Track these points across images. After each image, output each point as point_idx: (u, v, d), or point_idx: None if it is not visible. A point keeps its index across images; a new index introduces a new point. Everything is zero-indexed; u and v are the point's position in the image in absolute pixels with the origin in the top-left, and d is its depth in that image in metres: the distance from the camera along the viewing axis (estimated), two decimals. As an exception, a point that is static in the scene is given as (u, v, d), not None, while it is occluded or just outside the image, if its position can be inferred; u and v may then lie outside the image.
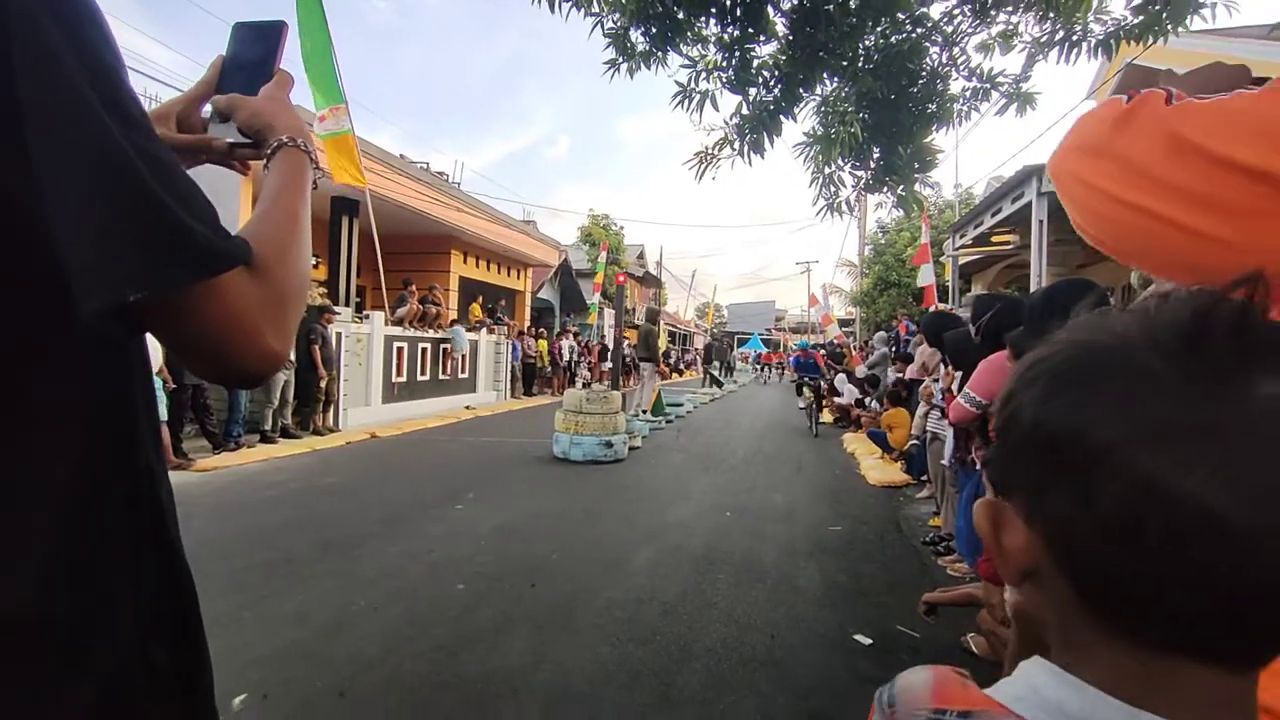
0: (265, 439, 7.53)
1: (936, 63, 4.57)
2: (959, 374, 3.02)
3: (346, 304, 10.34)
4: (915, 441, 5.30)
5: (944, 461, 3.70)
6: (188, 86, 0.71)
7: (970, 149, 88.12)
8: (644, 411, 9.96)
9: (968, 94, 4.55)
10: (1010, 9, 4.26)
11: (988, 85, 4.46)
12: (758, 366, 32.55)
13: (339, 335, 8.81)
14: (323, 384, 8.30)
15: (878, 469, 6.63)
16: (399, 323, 10.55)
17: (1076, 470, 0.32)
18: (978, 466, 2.77)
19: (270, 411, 7.63)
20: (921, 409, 4.73)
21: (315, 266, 10.52)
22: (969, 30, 4.46)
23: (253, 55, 0.68)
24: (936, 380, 4.31)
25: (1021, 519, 0.36)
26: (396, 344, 10.32)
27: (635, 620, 2.92)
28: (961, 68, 4.54)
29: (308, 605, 2.95)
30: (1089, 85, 7.76)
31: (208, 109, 0.67)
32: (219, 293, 0.47)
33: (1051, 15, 4.06)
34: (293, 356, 7.75)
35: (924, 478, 5.26)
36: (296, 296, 0.56)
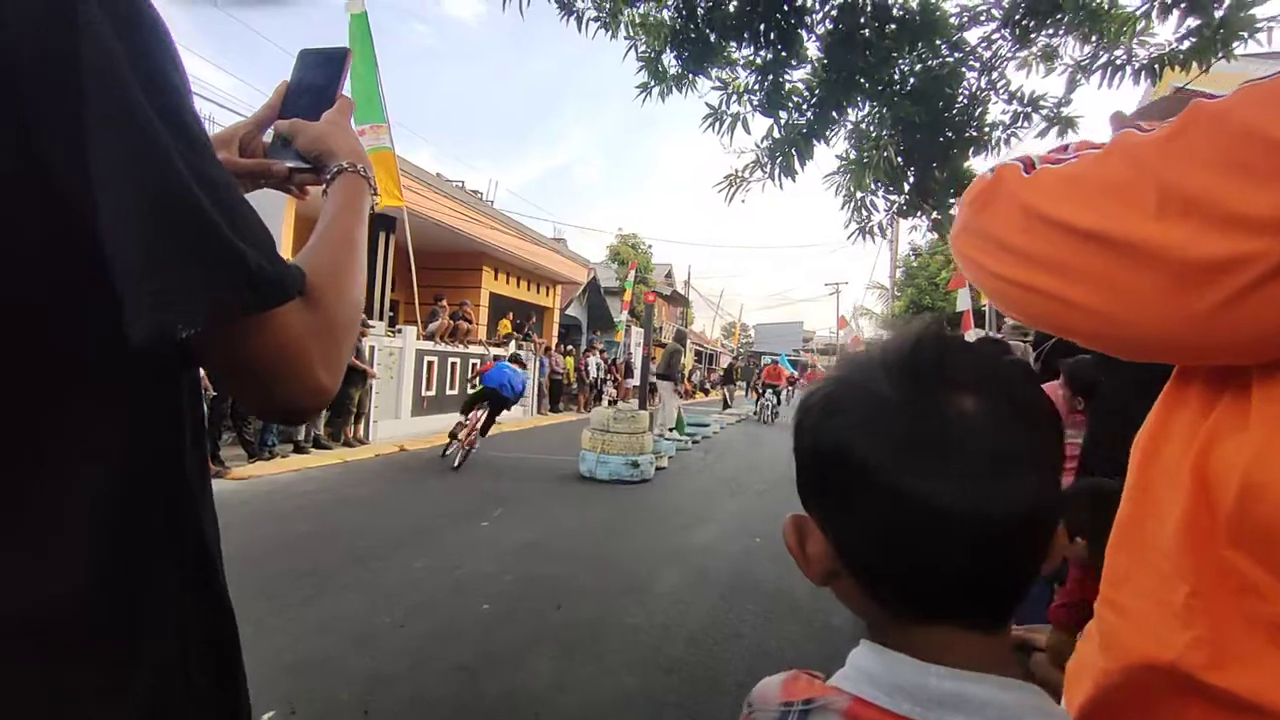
0: (299, 449, 7.68)
1: (975, 87, 4.52)
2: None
3: (380, 318, 10.56)
4: None
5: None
6: (249, 111, 0.72)
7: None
8: (670, 430, 9.91)
9: (1007, 118, 4.48)
10: (1051, 32, 4.20)
11: (1028, 109, 4.39)
12: (760, 389, 18.94)
13: (371, 349, 8.98)
14: (356, 396, 8.45)
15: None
16: (430, 337, 10.73)
17: (843, 483, 0.40)
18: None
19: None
20: None
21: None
22: (1009, 55, 4.41)
23: (316, 81, 0.69)
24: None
25: (818, 528, 0.43)
26: (427, 358, 10.49)
27: (660, 648, 2.87)
28: (1001, 92, 4.48)
29: (334, 616, 2.97)
30: (1136, 107, 7.58)
31: (269, 134, 0.68)
32: (271, 324, 0.46)
33: (1095, 39, 3.99)
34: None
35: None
36: (349, 326, 0.55)
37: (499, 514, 5.13)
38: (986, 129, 4.55)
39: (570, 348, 17.45)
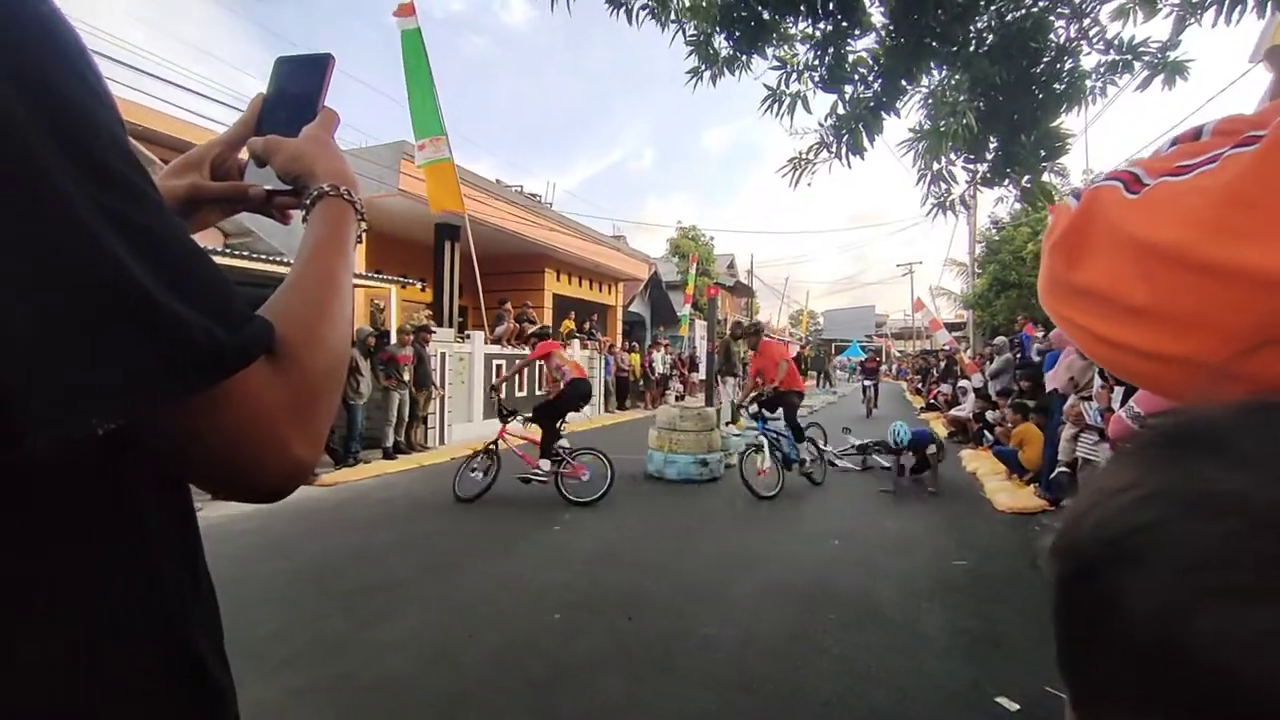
0: (386, 455, 8.04)
1: (1063, 38, 4.06)
2: (1121, 389, 2.59)
3: (450, 325, 10.87)
4: (1065, 470, 4.69)
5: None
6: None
7: (1102, 130, 79.54)
8: (726, 424, 9.67)
9: (1103, 68, 4.00)
10: (1155, -33, 3.70)
11: (1128, 57, 3.90)
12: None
13: (442, 355, 9.24)
14: (422, 402, 8.72)
15: (1006, 492, 5.96)
16: (497, 341, 10.95)
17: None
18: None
19: (389, 429, 8.12)
20: (1069, 431, 4.16)
21: (422, 289, 11.16)
22: (1102, -2, 3.92)
23: (296, 92, 0.60)
24: (1088, 398, 3.78)
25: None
26: (495, 361, 10.71)
27: (737, 663, 2.72)
28: (1095, 40, 4.00)
29: (410, 631, 3.00)
30: (1254, 47, 6.68)
31: (246, 153, 0.60)
32: (228, 396, 0.37)
33: (1208, -31, 3.48)
34: (405, 376, 8.22)
35: (1066, 504, 4.65)
36: (330, 383, 0.46)
37: (569, 519, 5.12)
38: (1079, 81, 4.09)
39: (634, 344, 17.43)
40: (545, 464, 5.75)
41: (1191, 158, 0.40)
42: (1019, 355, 8.34)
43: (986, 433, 8.30)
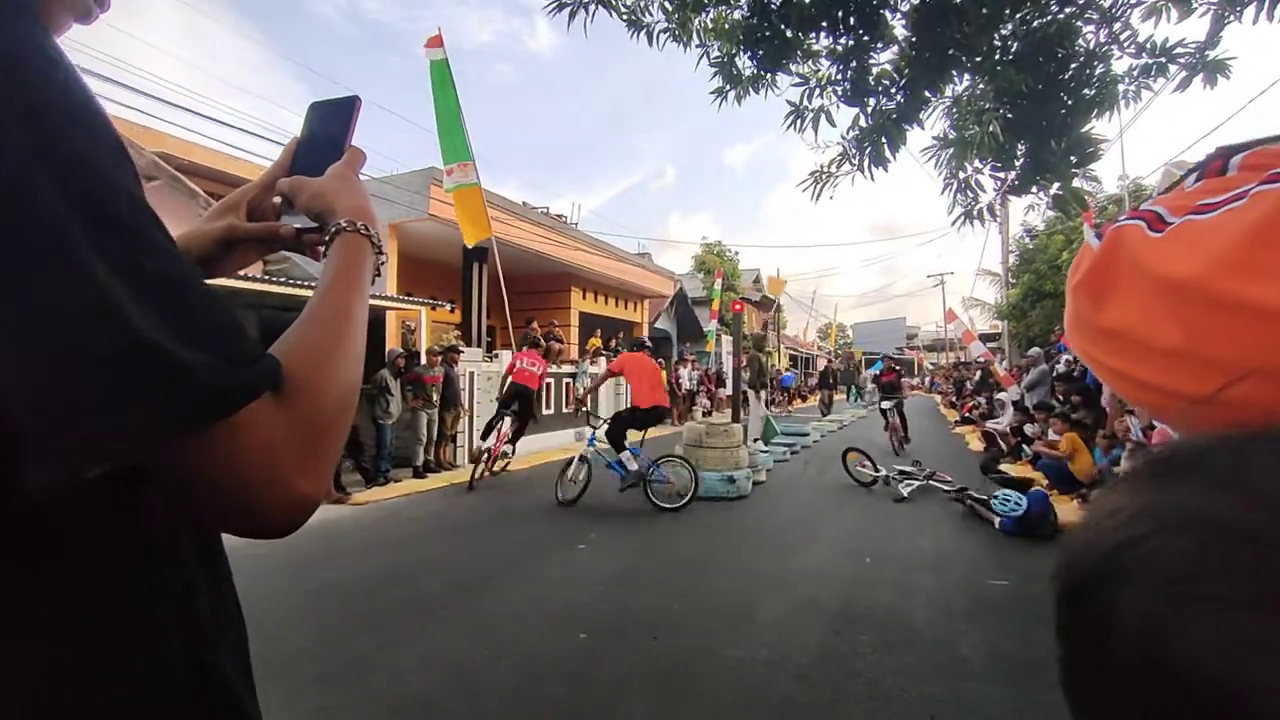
0: (416, 474, 8.15)
1: (1092, 42, 3.99)
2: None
3: (478, 344, 11.03)
4: None
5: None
6: None
7: (1137, 134, 77.53)
8: (755, 440, 9.56)
9: (1135, 72, 3.91)
10: (1188, -32, 3.61)
11: (1161, 59, 3.80)
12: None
13: (471, 375, 9.37)
14: (450, 421, 8.83)
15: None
16: (524, 360, 11.06)
17: None
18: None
19: (419, 448, 8.24)
20: (1129, 448, 4.01)
21: (451, 310, 11.37)
22: (1133, 0, 3.84)
23: (325, 134, 0.63)
24: (1132, 412, 3.64)
25: None
26: (524, 380, 10.79)
27: (766, 686, 2.65)
28: (1126, 43, 3.91)
29: (435, 650, 3.00)
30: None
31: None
32: (232, 432, 0.38)
33: (1247, -34, 3.39)
34: (434, 397, 8.36)
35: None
36: (338, 419, 0.46)
37: (593, 537, 5.10)
38: (1110, 86, 4.00)
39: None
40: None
41: (1217, 194, 0.39)
42: (1054, 368, 8.09)
43: (1025, 446, 8.03)
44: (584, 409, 7.12)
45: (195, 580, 0.46)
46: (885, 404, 10.94)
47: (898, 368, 12.05)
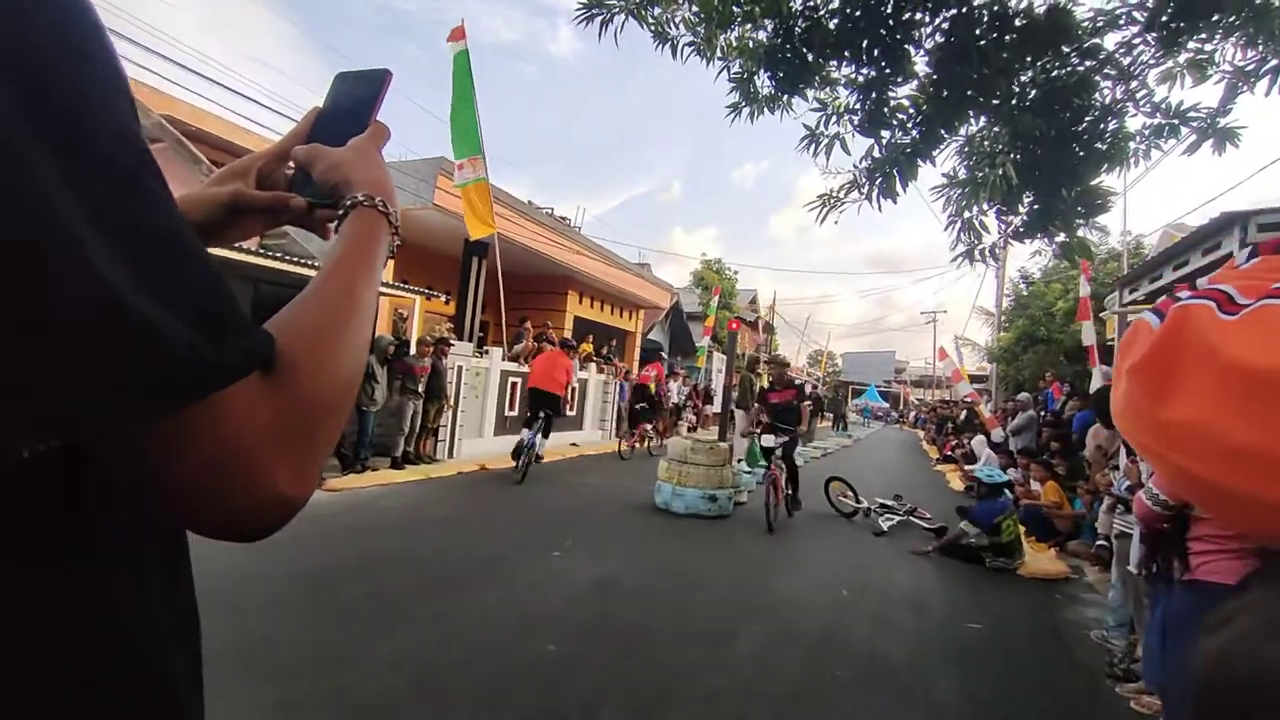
0: (395, 464, 7.99)
1: (1109, 98, 4.04)
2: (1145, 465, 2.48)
3: (470, 339, 10.93)
4: (1103, 544, 4.54)
5: (1130, 567, 3.05)
6: None
7: (1141, 193, 78.92)
8: (738, 461, 9.52)
9: (1148, 131, 3.97)
10: (1205, 37, 3.67)
11: (1174, 121, 3.86)
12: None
13: (459, 368, 9.27)
14: (433, 414, 8.71)
15: (1027, 555, 5.74)
16: (515, 359, 10.97)
17: None
18: (1171, 583, 2.20)
19: (400, 439, 8.11)
20: (1107, 503, 4.04)
21: (446, 302, 11.27)
22: (1150, 61, 3.90)
23: (350, 106, 0.59)
24: (1115, 467, 3.66)
25: None
26: (511, 379, 10.71)
27: (742, 717, 2.60)
28: (1141, 102, 3.97)
29: (404, 649, 2.92)
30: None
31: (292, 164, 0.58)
32: (205, 417, 0.32)
33: (1261, 40, 3.45)
34: (420, 389, 8.23)
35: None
36: (332, 413, 0.40)
37: (570, 545, 5.02)
38: (1122, 142, 4.05)
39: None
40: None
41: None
42: (1042, 415, 8.14)
43: (1007, 490, 8.06)
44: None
45: (140, 567, 0.39)
46: (767, 440, 6.54)
47: (799, 382, 7.85)
